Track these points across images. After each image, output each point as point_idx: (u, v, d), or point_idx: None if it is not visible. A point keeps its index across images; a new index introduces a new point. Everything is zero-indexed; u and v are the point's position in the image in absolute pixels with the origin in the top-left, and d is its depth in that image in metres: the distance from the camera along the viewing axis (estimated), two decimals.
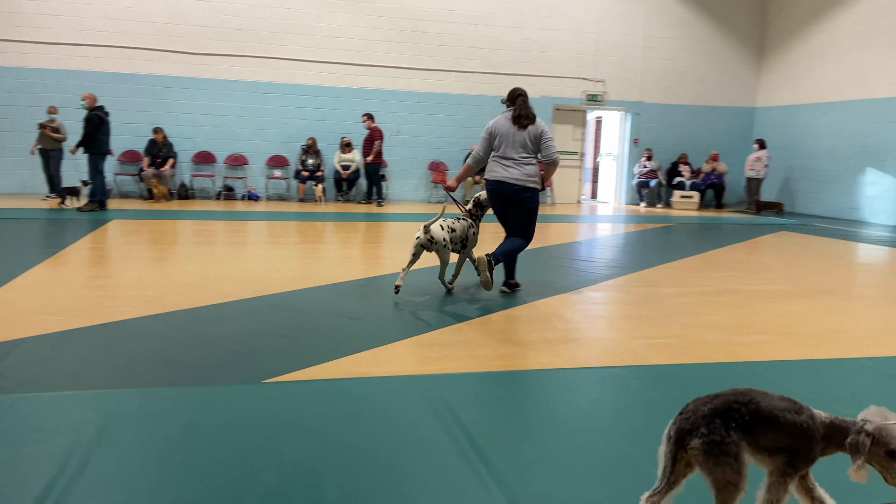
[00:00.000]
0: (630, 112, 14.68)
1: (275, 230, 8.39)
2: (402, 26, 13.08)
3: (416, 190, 13.70)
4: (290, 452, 2.30)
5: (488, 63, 13.58)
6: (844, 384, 3.23)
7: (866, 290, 5.71)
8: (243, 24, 12.37)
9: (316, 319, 4.09)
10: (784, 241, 9.05)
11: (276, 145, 12.86)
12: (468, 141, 13.66)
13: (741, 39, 14.92)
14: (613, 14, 14.11)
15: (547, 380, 3.16)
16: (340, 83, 12.96)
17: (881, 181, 12.22)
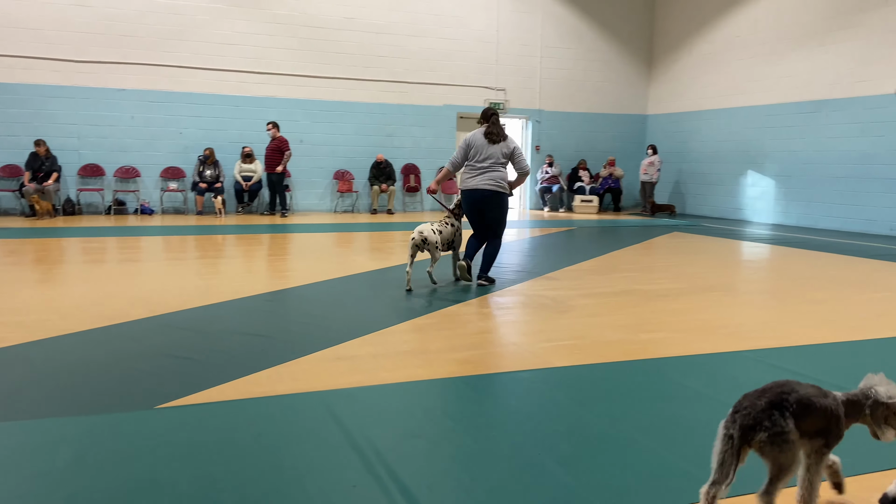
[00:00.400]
0: (531, 120, 15.07)
1: (171, 245, 8.03)
2: (302, 34, 12.88)
3: (322, 200, 13.50)
4: (185, 482, 2.19)
5: (391, 71, 13.59)
6: (732, 376, 3.42)
7: (750, 285, 6.09)
8: (131, 30, 11.80)
9: (215, 338, 3.93)
10: (676, 241, 9.53)
11: (170, 156, 12.32)
12: (373, 149, 13.60)
13: (631, 51, 15.64)
14: (512, 24, 14.46)
15: (454, 388, 3.17)
16: (238, 91, 12.60)
17: (760, 182, 13.11)
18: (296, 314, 4.58)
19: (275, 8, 12.65)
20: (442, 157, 14.35)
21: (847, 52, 11.37)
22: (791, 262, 7.55)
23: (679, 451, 2.50)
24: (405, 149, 13.98)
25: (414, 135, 14.01)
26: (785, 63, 12.49)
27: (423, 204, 14.31)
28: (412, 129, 13.97)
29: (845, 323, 4.64)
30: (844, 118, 11.46)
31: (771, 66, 12.78)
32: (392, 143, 13.83)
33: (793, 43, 12.32)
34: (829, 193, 11.80)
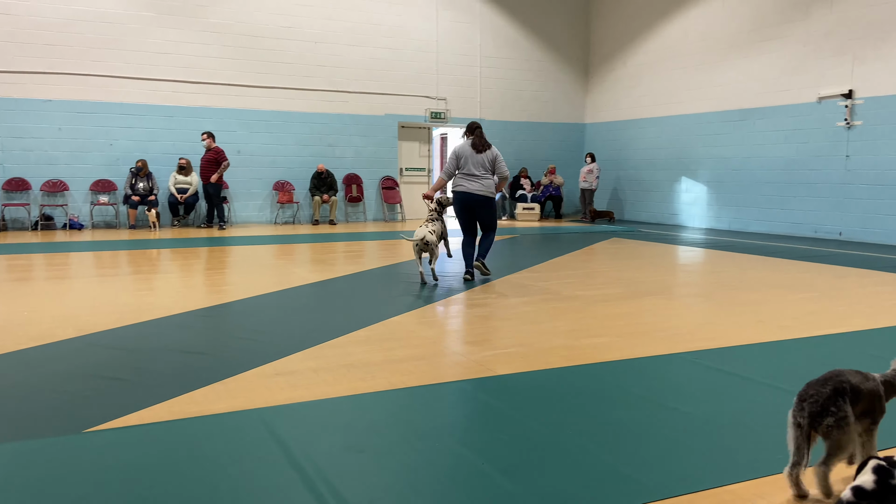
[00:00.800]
0: None
1: (102, 261, 7.73)
2: (239, 43, 12.65)
3: (261, 211, 13.26)
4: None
5: (331, 81, 13.48)
6: (670, 378, 3.50)
7: (686, 289, 6.26)
8: (58, 39, 11.37)
9: (148, 357, 3.79)
10: (616, 247, 9.74)
11: (100, 169, 11.89)
12: (314, 160, 13.45)
13: (569, 61, 15.97)
14: (452, 34, 14.56)
15: (397, 400, 3.14)
16: (172, 101, 12.27)
17: (694, 189, 13.55)
18: (233, 330, 4.46)
19: (209, 16, 12.39)
20: (384, 167, 14.31)
21: (771, 62, 11.88)
22: (724, 266, 7.81)
23: (620, 454, 2.53)
24: (346, 158, 13.88)
25: (355, 144, 13.92)
26: (714, 73, 12.96)
27: (367, 214, 14.23)
28: (353, 139, 13.88)
29: (775, 322, 4.82)
30: (770, 126, 11.96)
31: (701, 76, 13.24)
32: (333, 153, 13.71)
33: (721, 54, 12.81)
34: (757, 198, 12.28)
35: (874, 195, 10.46)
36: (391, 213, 14.52)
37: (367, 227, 12.69)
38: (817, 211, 11.28)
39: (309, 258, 8.19)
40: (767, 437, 2.70)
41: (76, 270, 6.99)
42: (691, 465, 2.44)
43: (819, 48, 11.09)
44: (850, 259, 8.40)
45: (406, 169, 14.76)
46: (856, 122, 10.62)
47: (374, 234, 11.48)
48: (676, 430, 2.77)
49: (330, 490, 2.22)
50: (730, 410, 3.02)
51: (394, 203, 14.39)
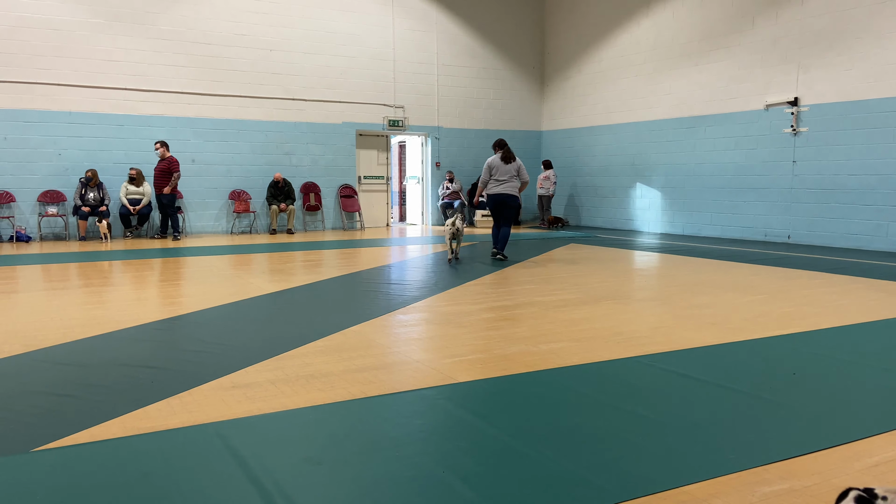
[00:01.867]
0: (430, 136, 15.22)
1: (51, 274, 7.50)
2: (191, 50, 12.45)
3: (218, 221, 13.04)
4: None
5: (286, 89, 13.36)
6: (626, 381, 3.55)
7: (641, 293, 6.38)
8: (2, 46, 11.02)
9: (99, 372, 3.68)
10: (573, 252, 9.86)
11: (48, 179, 11.55)
12: (270, 169, 13.30)
13: (525, 69, 16.15)
14: (407, 42, 14.59)
15: (357, 410, 3.11)
16: (122, 110, 12.00)
17: (648, 194, 13.82)
18: (188, 342, 4.37)
19: (160, 23, 12.17)
20: (342, 175, 14.22)
21: (720, 70, 12.22)
22: (677, 270, 7.98)
23: (579, 459, 2.55)
24: (304, 167, 13.76)
25: (312, 153, 13.81)
26: (665, 81, 13.27)
27: (325, 223, 14.11)
28: (310, 147, 13.78)
29: (727, 325, 4.94)
30: (720, 133, 12.29)
31: (653, 85, 13.54)
32: (290, 162, 13.58)
33: (671, 62, 13.12)
34: (709, 203, 12.59)
35: (820, 199, 10.83)
36: (350, 221, 14.44)
37: (325, 236, 12.59)
38: (767, 215, 11.61)
39: (266, 268, 8.08)
40: (721, 438, 2.77)
41: (23, 284, 6.76)
42: (648, 467, 2.48)
43: (765, 57, 11.45)
44: (798, 261, 8.67)
45: (364, 177, 14.70)
46: (802, 129, 10.99)
47: (333, 242, 11.40)
48: (633, 433, 2.82)
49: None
50: (684, 412, 3.08)
51: (352, 211, 14.31)
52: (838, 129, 10.50)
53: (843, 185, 10.49)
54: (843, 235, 10.54)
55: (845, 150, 10.43)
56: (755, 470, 2.46)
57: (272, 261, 8.82)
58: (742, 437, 2.77)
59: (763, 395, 3.33)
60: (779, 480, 2.37)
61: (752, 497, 2.24)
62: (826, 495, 2.25)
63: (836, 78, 10.47)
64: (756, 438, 2.76)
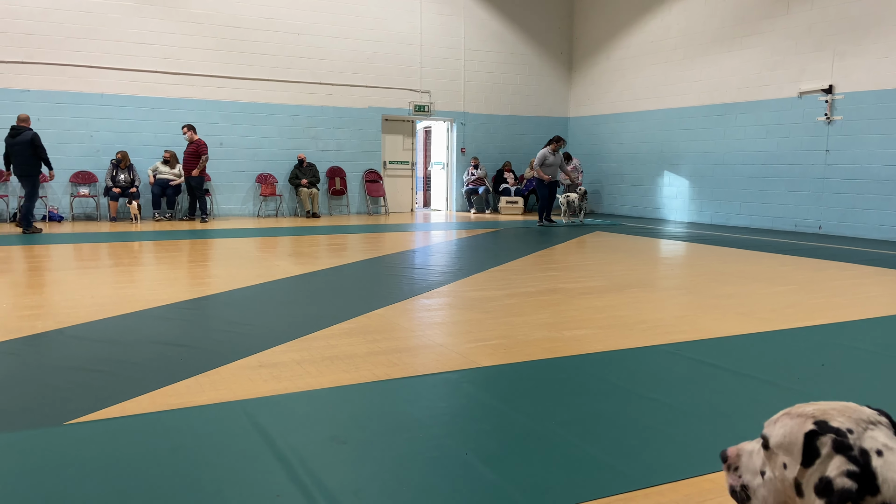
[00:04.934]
0: (456, 122, 15.18)
1: (82, 253, 7.65)
2: (221, 34, 12.53)
3: (244, 204, 13.18)
4: (97, 498, 2.08)
5: (313, 73, 13.40)
6: (650, 370, 3.54)
7: (667, 281, 6.32)
8: (36, 28, 11.20)
9: (130, 349, 3.76)
10: (598, 240, 9.80)
11: (80, 160, 11.75)
12: (297, 152, 13.39)
13: (553, 55, 16.00)
14: (435, 27, 14.53)
15: (381, 391, 3.14)
16: (152, 92, 12.14)
17: (675, 182, 13.66)
18: (216, 322, 4.44)
19: (190, 6, 12.26)
20: (367, 160, 14.26)
21: (753, 57, 11.99)
22: (704, 259, 7.89)
23: (601, 444, 2.56)
24: (330, 151, 13.82)
25: (339, 137, 13.86)
26: (696, 68, 13.05)
27: (350, 207, 14.19)
28: (336, 132, 13.83)
29: (755, 315, 4.88)
30: (751, 120, 12.08)
31: (683, 71, 13.33)
32: (316, 146, 13.65)
33: (702, 49, 12.90)
34: (738, 192, 12.40)
35: (853, 189, 10.61)
36: (374, 206, 14.49)
37: (350, 221, 12.66)
38: (797, 205, 11.42)
39: (292, 251, 8.16)
40: (746, 427, 2.75)
41: (56, 263, 6.91)
42: (672, 455, 2.48)
43: (800, 43, 11.20)
44: (828, 252, 8.52)
45: (389, 162, 14.73)
46: (836, 118, 10.76)
47: (358, 227, 11.46)
48: (657, 421, 2.81)
49: (314, 481, 2.22)
50: (710, 401, 3.06)
51: (377, 196, 14.36)
52: (873, 118, 10.25)
53: (877, 175, 10.26)
54: (875, 227, 10.32)
55: (881, 139, 10.19)
56: None
57: (297, 244, 8.90)
58: None
59: (790, 385, 3.30)
60: None
61: None
62: None
63: (873, 65, 10.21)
64: None
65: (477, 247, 8.80)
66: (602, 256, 7.98)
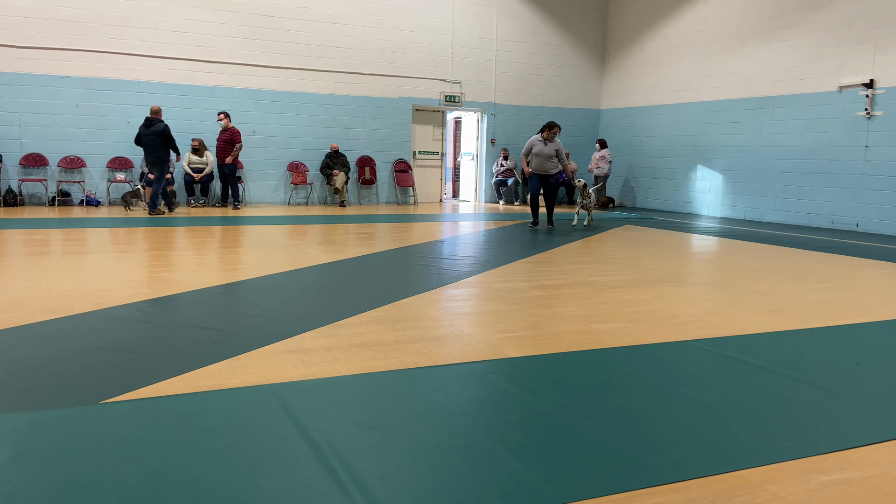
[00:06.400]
0: (486, 113, 15.13)
1: (118, 238, 7.81)
2: (254, 23, 12.64)
3: (276, 192, 13.31)
4: (132, 477, 2.14)
5: (345, 63, 13.46)
6: (679, 365, 3.50)
7: (698, 276, 6.25)
8: (75, 15, 11.41)
9: (164, 332, 3.84)
10: (628, 234, 9.71)
11: (117, 146, 11.97)
12: (328, 141, 13.47)
13: (585, 45, 15.83)
14: (467, 17, 14.47)
15: (408, 379, 3.16)
16: (188, 80, 12.30)
17: (709, 177, 13.45)
18: (247, 307, 4.51)
19: None
20: (397, 150, 14.30)
21: (791, 50, 11.73)
22: (737, 255, 7.77)
23: (629, 438, 2.55)
24: (360, 140, 13.88)
25: (369, 127, 13.91)
26: (732, 60, 12.81)
27: (379, 197, 14.24)
28: (367, 121, 13.87)
29: (788, 312, 4.80)
30: (788, 114, 11.83)
31: (719, 63, 13.10)
32: (347, 135, 13.72)
33: (739, 41, 12.65)
34: (773, 188, 12.18)
35: (892, 186, 10.35)
36: (403, 196, 14.53)
37: (379, 210, 12.72)
38: (834, 202, 11.17)
39: (321, 239, 8.23)
40: (777, 425, 2.71)
41: (93, 246, 7.07)
42: (701, 450, 2.46)
43: (840, 36, 10.93)
44: (865, 250, 8.33)
45: (419, 152, 14.75)
46: (876, 113, 10.49)
47: (387, 216, 11.51)
48: (686, 416, 2.78)
49: (342, 465, 2.25)
50: (741, 398, 3.02)
51: (406, 186, 14.40)
52: None
53: None
54: None
55: None
56: (812, 458, 2.41)
57: (327, 232, 8.97)
58: (799, 426, 2.71)
59: (823, 384, 3.24)
60: (836, 470, 2.32)
61: (808, 485, 2.20)
62: (886, 487, 2.19)
63: None
64: (814, 427, 2.69)
65: (505, 238, 8.78)
66: (632, 250, 7.91)
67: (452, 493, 2.10)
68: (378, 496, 2.06)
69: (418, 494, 2.09)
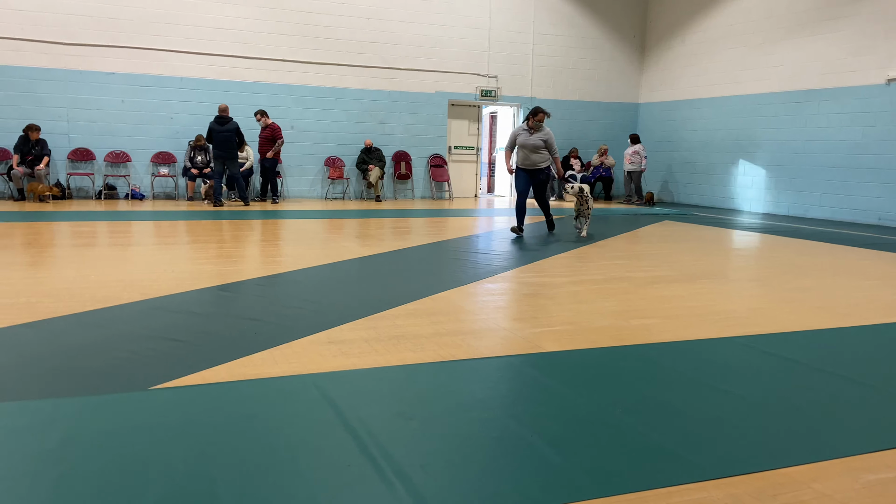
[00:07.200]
0: (522, 107, 15.05)
1: (162, 230, 7.99)
2: (293, 18, 12.78)
3: (313, 186, 13.46)
4: (179, 460, 2.20)
5: (382, 58, 13.52)
6: (722, 361, 3.45)
7: (740, 273, 6.13)
8: (120, 13, 11.68)
9: (207, 321, 3.93)
10: (667, 230, 9.58)
11: (161, 141, 12.24)
12: (364, 136, 13.56)
13: (624, 38, 15.62)
14: (504, 11, 14.40)
15: (445, 371, 3.18)
16: (228, 76, 12.51)
17: (751, 172, 13.18)
18: (287, 298, 4.58)
19: None
20: (433, 145, 14.32)
21: (838, 41, 11.41)
22: (781, 251, 7.61)
23: (669, 433, 2.52)
24: (396, 136, 13.94)
25: (405, 122, 13.96)
26: (776, 52, 12.52)
27: (415, 191, 14.29)
28: (403, 116, 13.92)
29: (835, 309, 4.69)
30: (835, 108, 11.51)
31: (762, 56, 12.80)
32: (383, 130, 13.79)
33: (784, 32, 12.35)
34: (819, 183, 11.87)
35: None
36: (439, 191, 14.56)
37: (414, 205, 12.77)
38: (882, 197, 10.85)
39: (358, 233, 8.30)
40: (823, 423, 2.66)
41: (138, 238, 7.25)
42: (743, 447, 2.42)
43: (889, 28, 10.58)
44: None
45: (455, 147, 14.75)
46: None
47: (422, 211, 11.55)
48: (728, 412, 2.75)
49: (383, 454, 2.28)
50: (784, 394, 2.97)
51: (442, 181, 14.41)
52: None
53: None
54: None
55: None
56: (860, 457, 2.36)
57: (363, 226, 9.05)
58: (845, 424, 2.65)
59: (870, 382, 3.16)
60: (884, 469, 2.27)
61: (855, 483, 2.16)
62: None
63: None
64: (861, 425, 2.63)
65: (541, 233, 8.74)
66: (671, 246, 7.80)
67: (491, 483, 2.11)
68: (418, 484, 2.08)
69: (457, 484, 2.10)
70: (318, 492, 2.03)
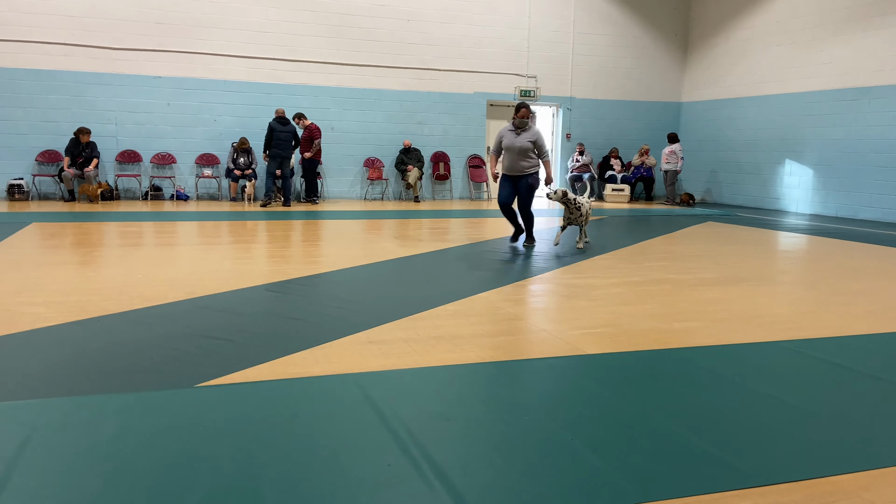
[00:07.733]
0: (562, 107, 14.94)
1: (206, 231, 8.16)
2: (333, 21, 12.92)
3: (352, 187, 13.58)
4: (225, 457, 2.24)
5: (421, 59, 13.57)
6: (768, 366, 3.38)
7: (786, 275, 5.99)
8: (166, 17, 11.96)
9: (251, 320, 4.00)
10: (710, 231, 9.40)
11: (205, 143, 12.50)
12: (403, 137, 13.63)
13: (666, 36, 15.39)
14: (544, 10, 14.32)
15: (484, 372, 3.18)
16: (271, 79, 12.71)
17: (798, 172, 12.84)
18: (328, 298, 4.63)
19: None
20: (472, 145, 14.31)
21: (891, 37, 11.04)
22: (829, 253, 7.41)
23: (713, 439, 2.48)
24: (435, 136, 13.97)
25: (444, 123, 13.99)
26: (826, 49, 12.18)
27: (453, 192, 14.32)
28: (442, 117, 13.95)
29: (887, 314, 4.55)
30: (888, 106, 11.15)
31: (811, 53, 12.47)
32: (422, 131, 13.84)
33: (834, 28, 12.01)
34: (869, 183, 11.51)
35: None
36: (477, 191, 14.55)
37: (453, 205, 12.78)
38: None
39: (397, 233, 8.35)
40: (874, 431, 2.58)
41: (184, 238, 7.42)
42: (790, 454, 2.37)
43: None
44: None
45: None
46: None
47: (461, 212, 11.56)
48: (774, 419, 2.69)
49: (423, 454, 2.30)
50: (833, 401, 2.89)
51: (480, 182, 14.40)
52: None
53: None
54: None
55: None
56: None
57: (402, 227, 9.09)
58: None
59: None
60: None
61: None
62: None
63: None
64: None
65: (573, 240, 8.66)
66: (714, 247, 7.66)
67: (532, 485, 2.11)
68: (458, 485, 2.09)
69: (498, 485, 2.10)
70: (358, 491, 2.05)
